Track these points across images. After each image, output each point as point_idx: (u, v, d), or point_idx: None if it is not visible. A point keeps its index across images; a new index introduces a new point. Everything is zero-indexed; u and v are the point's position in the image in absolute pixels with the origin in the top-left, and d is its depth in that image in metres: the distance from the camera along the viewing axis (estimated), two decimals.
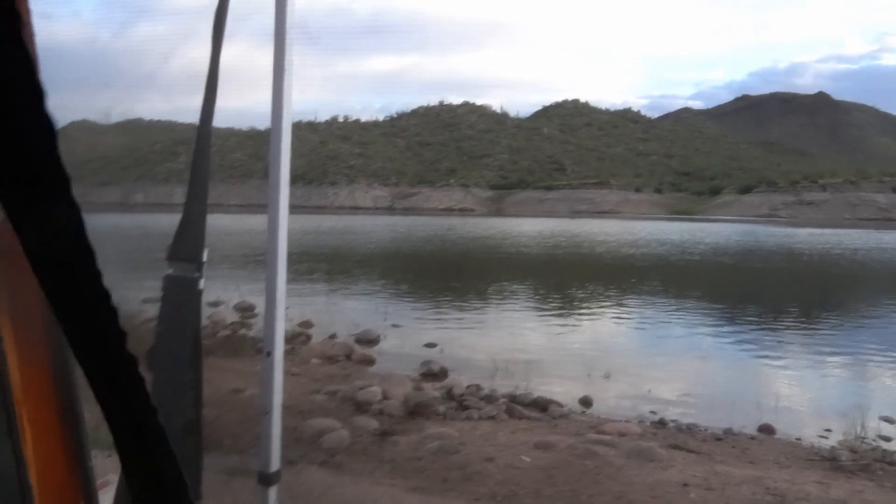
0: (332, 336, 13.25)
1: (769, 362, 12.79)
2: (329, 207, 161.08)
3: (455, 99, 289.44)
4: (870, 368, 12.35)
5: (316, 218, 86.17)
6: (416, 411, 7.78)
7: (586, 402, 9.42)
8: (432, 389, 9.08)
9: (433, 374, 10.59)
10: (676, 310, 19.07)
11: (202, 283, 1.25)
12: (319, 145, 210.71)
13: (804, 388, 11.14)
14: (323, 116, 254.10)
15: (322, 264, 29.02)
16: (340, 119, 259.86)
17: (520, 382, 9.68)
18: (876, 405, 9.45)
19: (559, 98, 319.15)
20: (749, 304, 20.67)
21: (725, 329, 16.42)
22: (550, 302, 20.73)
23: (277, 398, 1.61)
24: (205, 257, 1.26)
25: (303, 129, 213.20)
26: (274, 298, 1.62)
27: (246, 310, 15.29)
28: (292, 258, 1.70)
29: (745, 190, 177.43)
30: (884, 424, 8.66)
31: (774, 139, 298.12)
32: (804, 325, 17.14)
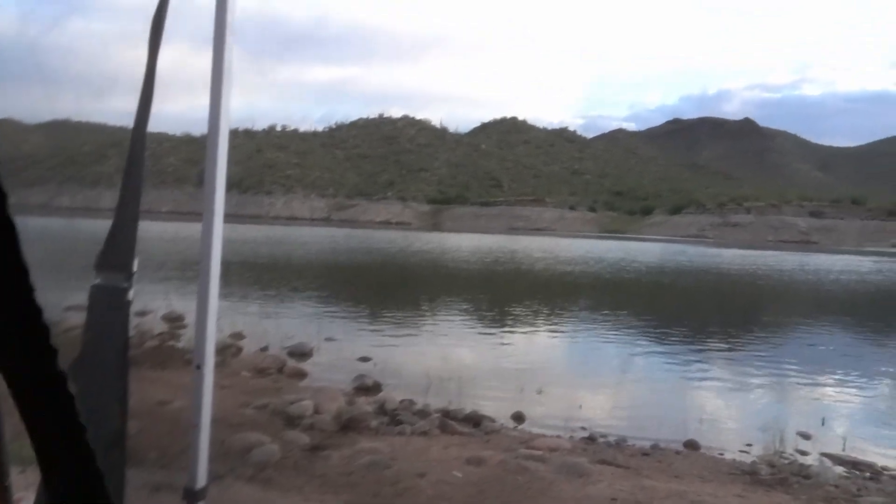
0: (265, 348, 12.99)
1: (697, 379, 13.16)
2: (264, 217, 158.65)
3: (395, 112, 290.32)
4: (790, 385, 12.84)
5: (251, 227, 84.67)
6: (349, 426, 7.70)
7: (518, 417, 9.47)
8: (365, 404, 8.99)
9: (366, 388, 10.48)
10: (610, 327, 19.45)
11: (132, 294, 1.20)
12: (256, 153, 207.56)
13: (729, 404, 11.49)
14: (261, 124, 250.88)
15: (256, 275, 28.49)
16: (279, 128, 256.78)
17: (453, 398, 9.70)
18: (794, 421, 9.84)
19: (498, 115, 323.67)
20: (680, 322, 21.25)
21: (657, 346, 16.82)
22: (487, 317, 20.86)
23: (206, 412, 1.56)
24: (135, 267, 1.21)
25: (240, 137, 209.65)
26: (206, 309, 1.57)
27: (175, 320, 14.86)
28: (226, 268, 1.66)
29: (675, 210, 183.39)
30: (800, 439, 9.02)
31: (703, 162, 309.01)
32: (731, 343, 17.70)
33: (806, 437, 9.21)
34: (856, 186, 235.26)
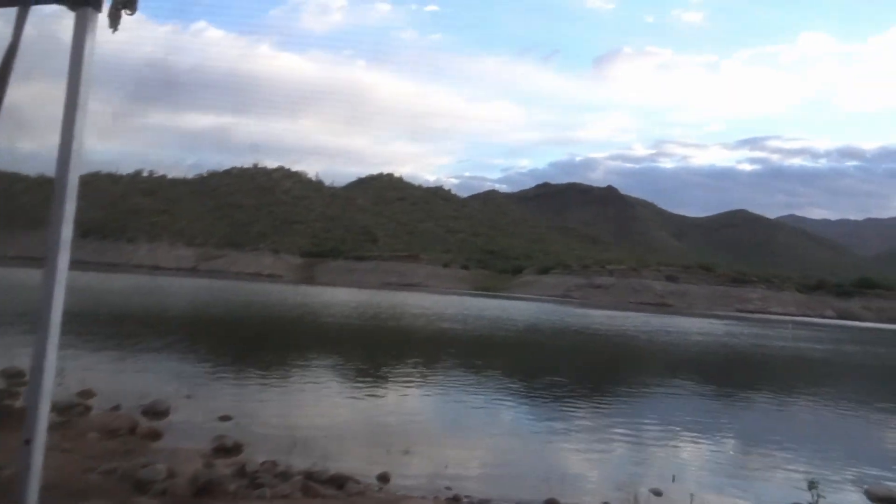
0: (116, 407, 12.11)
1: (562, 438, 13.47)
2: (125, 265, 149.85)
3: (271, 163, 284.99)
4: (648, 443, 13.39)
5: (112, 276, 79.75)
6: (205, 490, 7.25)
7: (384, 478, 9.28)
8: (224, 466, 8.54)
9: (226, 449, 9.96)
10: (483, 385, 19.64)
11: None
12: (120, 199, 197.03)
13: (590, 462, 11.82)
14: (126, 168, 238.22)
15: (114, 327, 26.71)
16: (146, 173, 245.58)
17: (318, 458, 9.40)
18: (648, 478, 10.27)
19: (375, 171, 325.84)
20: (551, 381, 21.67)
21: (527, 405, 17.14)
22: (359, 374, 20.51)
23: (34, 494, 1.39)
24: None
25: (102, 180, 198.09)
26: (41, 373, 1.42)
27: (14, 376, 13.60)
28: (77, 318, 1.53)
29: (544, 271, 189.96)
30: (653, 497, 9.39)
31: (570, 225, 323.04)
32: (598, 402, 18.36)
33: (658, 493, 9.60)
34: (705, 254, 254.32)
